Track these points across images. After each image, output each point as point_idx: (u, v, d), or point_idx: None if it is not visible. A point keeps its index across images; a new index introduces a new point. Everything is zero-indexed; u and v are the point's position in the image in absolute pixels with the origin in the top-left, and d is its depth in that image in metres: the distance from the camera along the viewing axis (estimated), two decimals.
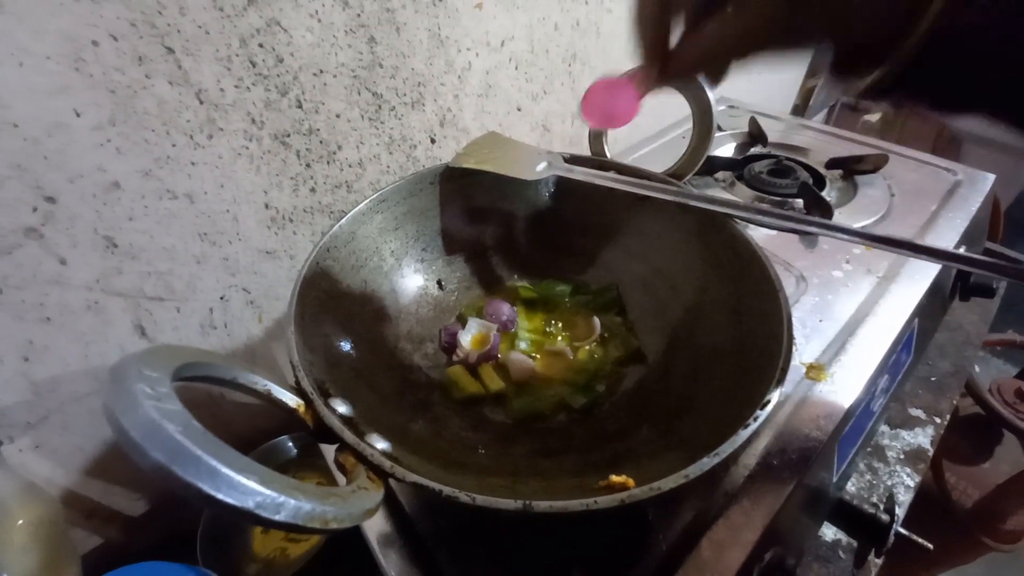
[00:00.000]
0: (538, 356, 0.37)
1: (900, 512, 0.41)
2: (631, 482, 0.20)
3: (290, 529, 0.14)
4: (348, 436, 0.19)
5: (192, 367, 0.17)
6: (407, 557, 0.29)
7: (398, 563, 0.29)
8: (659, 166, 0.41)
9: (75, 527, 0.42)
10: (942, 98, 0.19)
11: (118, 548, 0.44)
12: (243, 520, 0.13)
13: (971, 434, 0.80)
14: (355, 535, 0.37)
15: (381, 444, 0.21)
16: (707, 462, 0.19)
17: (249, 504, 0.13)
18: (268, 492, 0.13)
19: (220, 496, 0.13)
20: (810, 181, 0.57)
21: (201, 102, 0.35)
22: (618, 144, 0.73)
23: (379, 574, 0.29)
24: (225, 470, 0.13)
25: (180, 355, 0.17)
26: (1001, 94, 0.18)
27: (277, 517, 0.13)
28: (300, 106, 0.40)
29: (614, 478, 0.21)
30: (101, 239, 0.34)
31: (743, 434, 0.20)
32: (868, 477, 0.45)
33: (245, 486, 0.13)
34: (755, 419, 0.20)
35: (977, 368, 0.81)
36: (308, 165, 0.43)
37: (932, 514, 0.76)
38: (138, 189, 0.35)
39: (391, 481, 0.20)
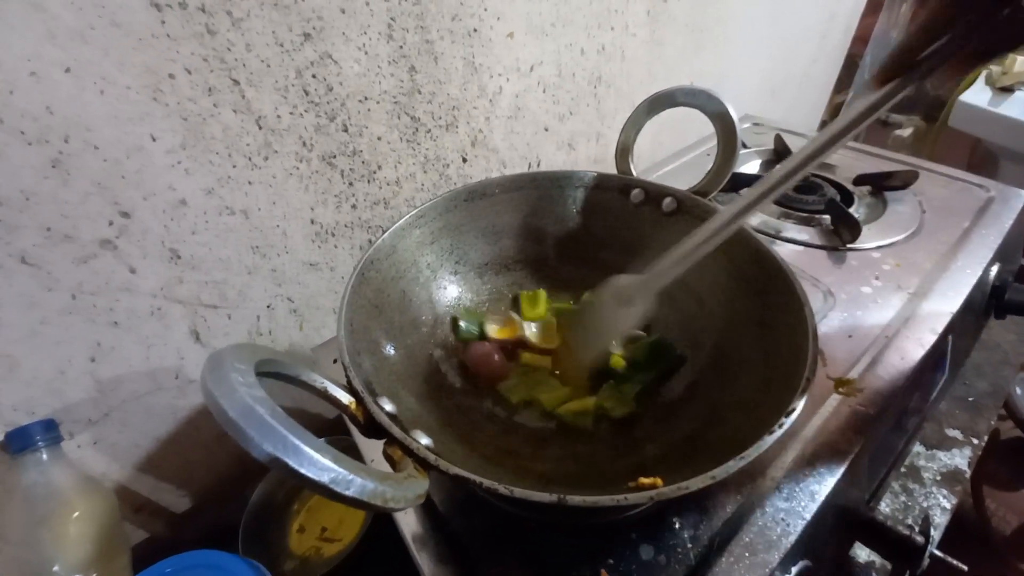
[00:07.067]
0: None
1: (936, 535, 0.40)
2: (660, 482, 0.21)
3: (355, 504, 0.16)
4: (396, 431, 0.21)
5: (267, 363, 0.20)
6: (440, 555, 0.30)
7: (431, 561, 0.30)
8: (684, 183, 0.42)
9: (123, 520, 0.44)
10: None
11: (163, 542, 0.47)
12: (318, 491, 0.15)
13: (1011, 459, 0.76)
14: (386, 538, 0.39)
15: (424, 440, 0.22)
16: (733, 464, 0.20)
17: (324, 479, 0.15)
18: (341, 470, 0.15)
19: (302, 470, 0.15)
20: (837, 198, 0.57)
21: (260, 127, 0.38)
22: (643, 161, 0.75)
23: (408, 575, 0.31)
24: (306, 449, 0.15)
25: (259, 352, 0.19)
26: None
27: (347, 492, 0.15)
28: (346, 130, 0.43)
29: (643, 480, 0.22)
30: (167, 251, 0.38)
31: (768, 440, 0.21)
32: (903, 498, 0.44)
33: (322, 463, 0.15)
34: (780, 426, 0.21)
35: (1020, 390, 0.78)
36: (351, 184, 0.46)
37: (967, 540, 0.73)
38: (202, 206, 0.38)
39: (433, 475, 0.21)
